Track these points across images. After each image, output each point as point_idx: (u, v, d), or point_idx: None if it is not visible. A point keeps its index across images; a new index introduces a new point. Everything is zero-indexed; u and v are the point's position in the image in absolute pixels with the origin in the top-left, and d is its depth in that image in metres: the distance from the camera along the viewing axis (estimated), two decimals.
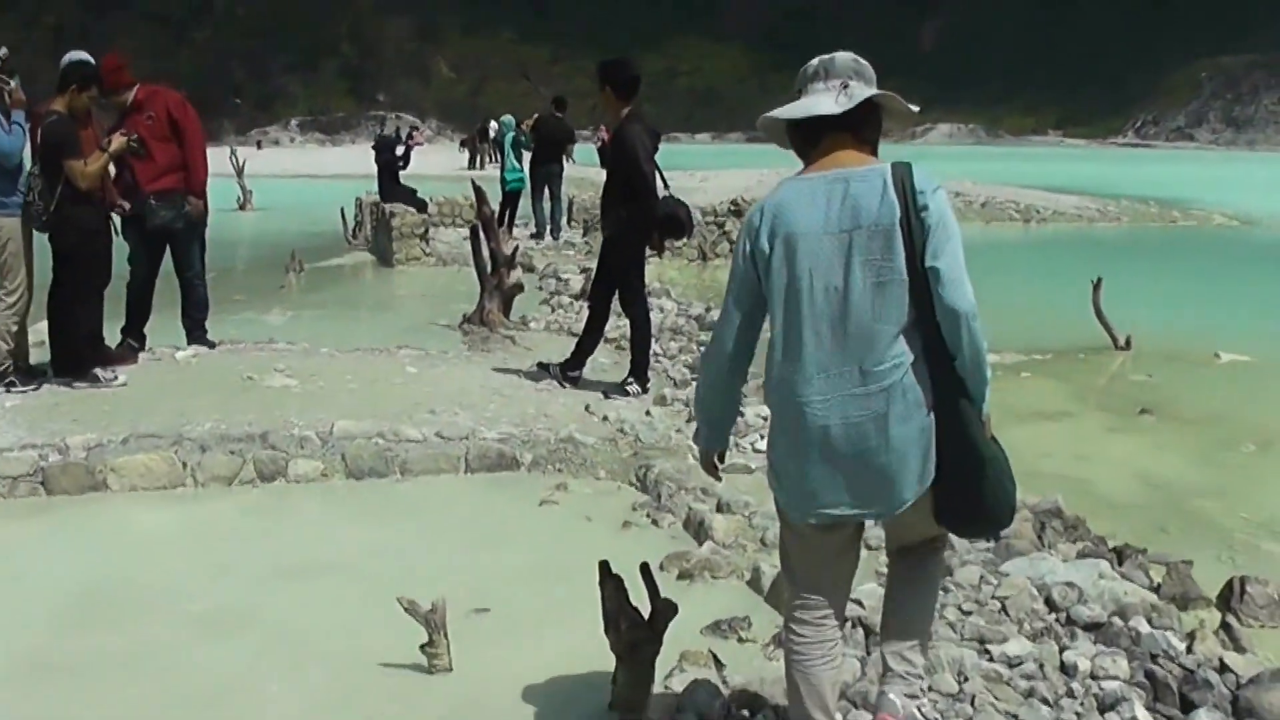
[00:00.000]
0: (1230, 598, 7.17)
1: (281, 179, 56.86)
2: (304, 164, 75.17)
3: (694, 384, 11.57)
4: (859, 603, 6.19)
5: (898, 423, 3.99)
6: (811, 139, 4.23)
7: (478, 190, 15.67)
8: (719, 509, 8.13)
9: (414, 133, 34.24)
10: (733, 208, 27.10)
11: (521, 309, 15.64)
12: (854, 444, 4.02)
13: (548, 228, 25.70)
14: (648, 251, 11.30)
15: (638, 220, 10.73)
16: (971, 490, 4.10)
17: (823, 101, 4.15)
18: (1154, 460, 11.02)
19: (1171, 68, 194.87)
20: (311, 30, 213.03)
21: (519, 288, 14.92)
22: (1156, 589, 7.21)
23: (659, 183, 10.77)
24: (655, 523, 8.21)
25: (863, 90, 4.16)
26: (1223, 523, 9.27)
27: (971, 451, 4.08)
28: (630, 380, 11.26)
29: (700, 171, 48.81)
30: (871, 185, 4.04)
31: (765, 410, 10.27)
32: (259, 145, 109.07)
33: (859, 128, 4.19)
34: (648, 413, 10.53)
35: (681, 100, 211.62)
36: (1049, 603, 6.60)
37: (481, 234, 14.67)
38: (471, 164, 57.15)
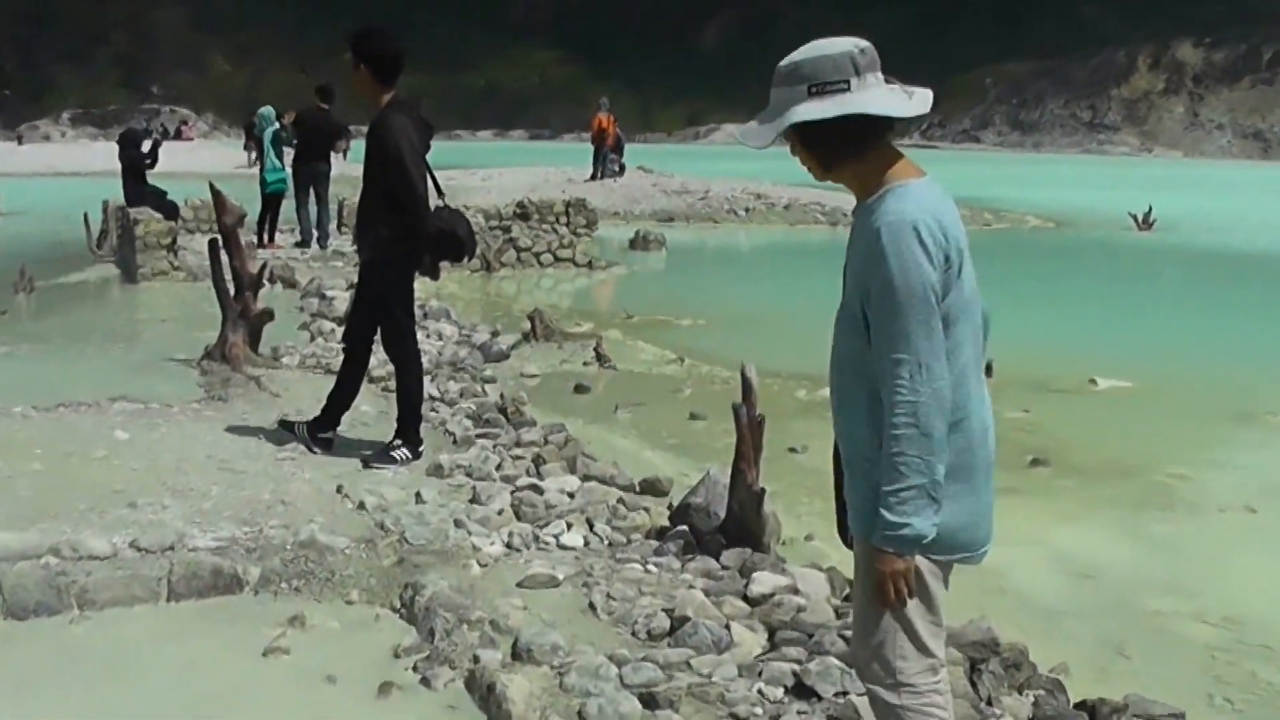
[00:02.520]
0: None
1: (45, 177, 52.95)
2: (71, 160, 70.42)
3: (485, 439, 9.85)
4: None
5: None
6: (871, 139, 3.80)
7: (216, 194, 13.06)
8: (515, 655, 5.93)
9: (183, 127, 30.97)
10: (519, 210, 25.05)
11: (276, 336, 13.23)
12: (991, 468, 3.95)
13: (314, 236, 22.73)
14: (416, 277, 9.13)
15: (403, 238, 8.61)
16: None
17: (901, 98, 3.80)
18: (1070, 535, 9.10)
19: (957, 72, 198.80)
20: (84, 17, 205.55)
21: (268, 315, 12.50)
22: None
23: (431, 190, 8.69)
24: (427, 682, 5.83)
25: (919, 91, 3.86)
26: (1190, 634, 7.45)
27: None
28: (397, 444, 9.02)
29: (482, 170, 46.19)
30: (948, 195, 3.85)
31: (569, 484, 8.43)
32: (19, 140, 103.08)
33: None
34: (418, 494, 8.21)
35: (463, 95, 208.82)
36: None
37: (222, 248, 12.23)
38: (252, 161, 53.79)
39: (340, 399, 9.20)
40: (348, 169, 26.87)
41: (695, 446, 10.83)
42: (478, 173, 44.16)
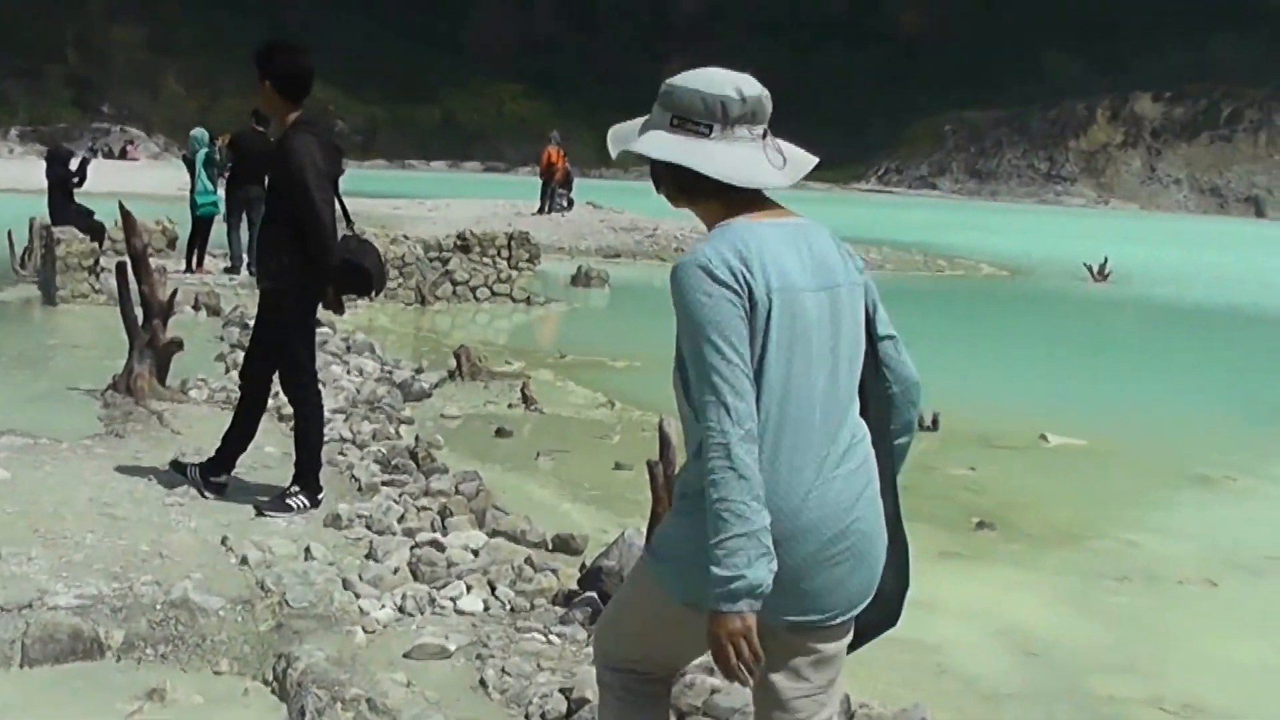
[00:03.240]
0: None
1: None
2: (11, 177, 69.29)
3: (391, 487, 9.32)
4: None
5: (874, 500, 3.54)
6: (708, 192, 3.55)
7: (125, 215, 12.38)
8: None
9: (129, 147, 30.20)
10: (459, 242, 24.39)
11: (190, 367, 12.51)
12: (843, 534, 3.44)
13: (244, 262, 21.76)
14: (320, 312, 8.50)
15: (306, 269, 7.96)
16: (904, 578, 3.76)
17: (760, 163, 3.54)
18: (1017, 606, 8.40)
19: (915, 119, 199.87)
20: (36, 35, 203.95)
21: (176, 345, 11.72)
22: None
23: (338, 218, 8.05)
24: None
25: (797, 157, 3.70)
26: None
27: (903, 533, 3.74)
28: (294, 491, 8.32)
29: (430, 200, 45.44)
30: (825, 239, 3.61)
31: (475, 540, 7.86)
32: None
33: None
34: (308, 549, 7.50)
35: (420, 125, 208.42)
36: None
37: (131, 274, 11.48)
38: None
39: (236, 440, 8.52)
40: None
41: (617, 499, 10.13)
42: (426, 203, 43.67)
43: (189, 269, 21.31)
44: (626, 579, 4.07)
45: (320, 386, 8.91)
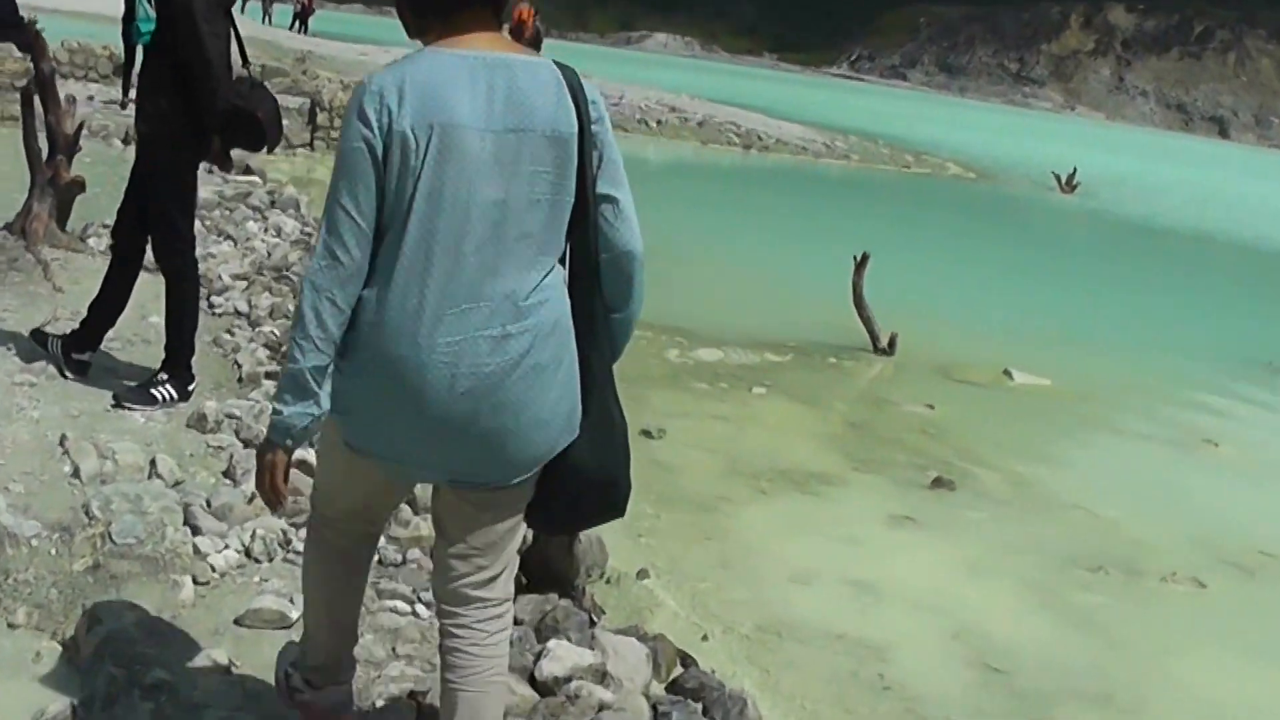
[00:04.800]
0: None
1: None
2: None
3: (274, 380, 7.57)
4: None
5: (542, 370, 3.26)
6: (440, 8, 3.29)
7: (35, 36, 10.62)
8: None
9: None
10: None
11: (98, 211, 10.66)
12: (483, 395, 3.19)
13: None
14: (203, 166, 7.05)
15: (187, 116, 6.57)
16: (606, 459, 3.48)
17: None
18: (975, 598, 6.95)
19: (889, 8, 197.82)
20: None
21: (79, 186, 10.11)
22: None
23: (231, 57, 6.68)
24: None
25: None
26: None
27: (608, 415, 3.47)
28: (161, 378, 6.90)
29: (401, 48, 43.05)
30: (542, 81, 3.26)
31: None
32: None
33: (501, 5, 3.33)
34: (153, 462, 6.03)
35: None
36: None
37: (36, 102, 9.99)
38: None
39: (103, 311, 7.06)
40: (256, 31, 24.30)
41: None
42: (394, 50, 41.37)
43: (123, 103, 19.49)
44: None
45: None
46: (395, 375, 3.20)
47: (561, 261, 3.36)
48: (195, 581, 5.01)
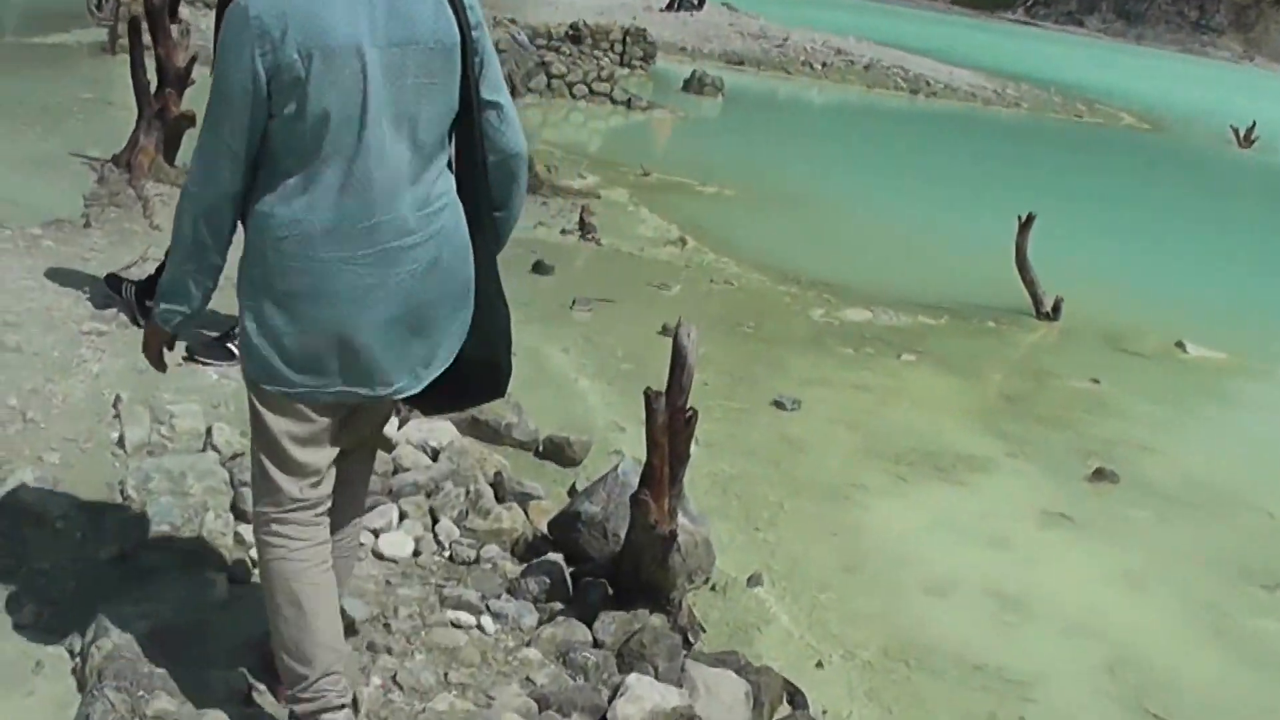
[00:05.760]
0: None
1: None
2: None
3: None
4: None
5: (445, 275, 3.34)
6: None
7: None
8: None
9: None
10: (571, 32, 21.94)
11: None
12: (403, 304, 3.27)
13: None
14: None
15: None
16: (490, 345, 3.55)
17: None
18: (1136, 620, 5.95)
19: None
20: None
21: (188, 120, 9.47)
22: None
23: None
24: None
25: None
26: None
27: (493, 304, 3.52)
28: (239, 333, 6.12)
29: None
30: None
31: (440, 435, 5.86)
32: None
33: None
34: (209, 431, 5.47)
35: None
36: None
37: (146, 31, 9.38)
38: None
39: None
40: None
41: (653, 379, 7.74)
42: None
43: None
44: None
45: None
46: (317, 297, 3.22)
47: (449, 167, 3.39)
48: (231, 580, 4.34)
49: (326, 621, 3.52)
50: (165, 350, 3.60)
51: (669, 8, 37.74)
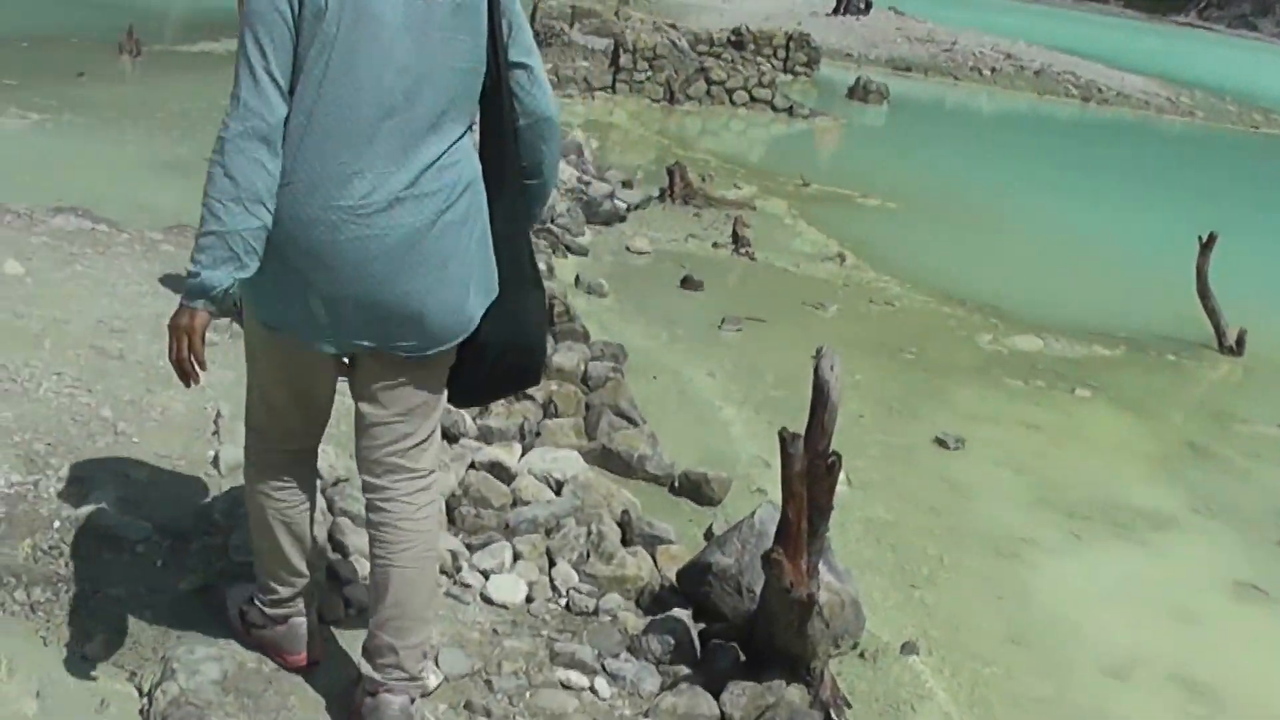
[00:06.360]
0: None
1: None
2: None
3: None
4: None
5: (455, 228, 3.18)
6: None
7: None
8: None
9: None
10: (733, 38, 21.33)
11: None
12: (400, 255, 3.12)
13: None
14: None
15: None
16: (521, 326, 3.39)
17: None
18: None
19: None
20: None
21: None
22: None
23: None
24: None
25: None
26: None
27: (522, 282, 3.39)
28: None
29: None
30: None
31: (566, 465, 5.39)
32: None
33: None
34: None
35: None
36: None
37: None
38: None
39: None
40: None
41: (803, 409, 7.07)
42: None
43: None
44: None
45: None
46: (309, 242, 3.06)
47: (470, 129, 3.28)
48: (320, 619, 3.90)
49: (297, 554, 3.53)
50: (198, 343, 2.99)
51: (835, 12, 36.98)
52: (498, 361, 3.37)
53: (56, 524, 4.02)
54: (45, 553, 3.90)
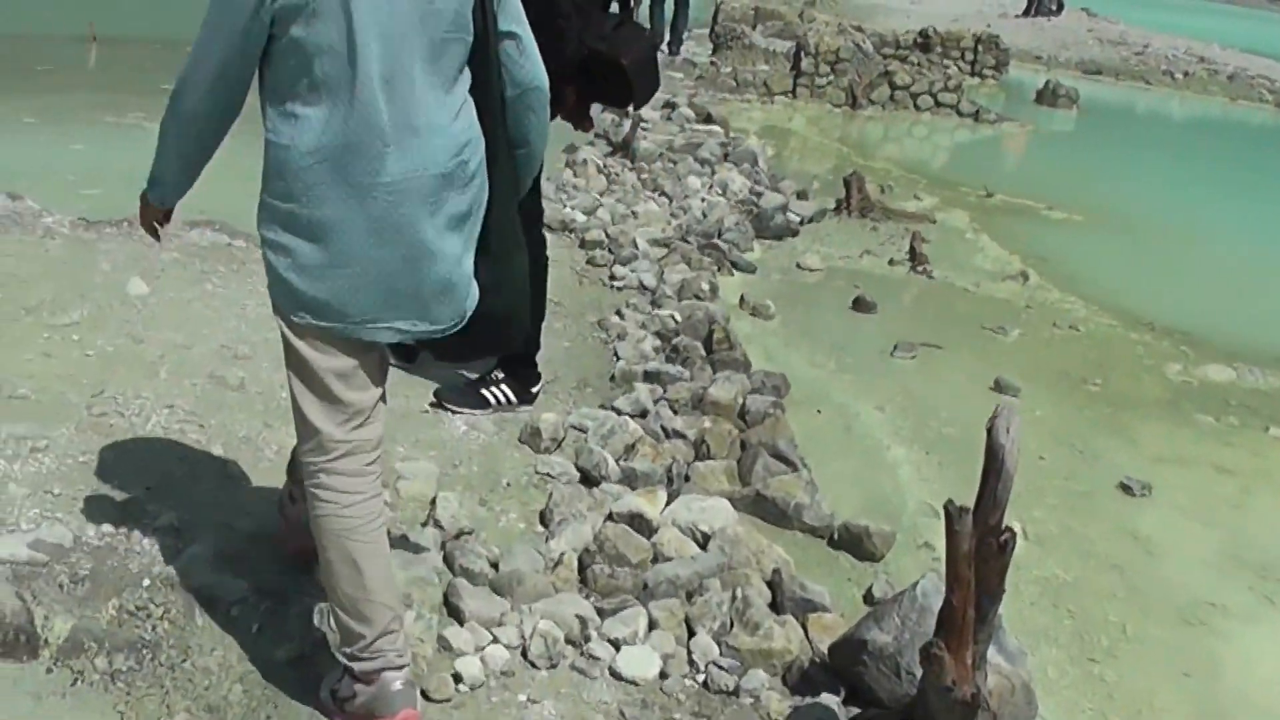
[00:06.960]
0: None
1: None
2: None
3: (653, 382, 6.49)
4: None
5: (482, 199, 3.26)
6: None
7: None
8: None
9: None
10: (920, 40, 20.74)
11: None
12: (437, 229, 3.14)
13: (664, 39, 18.52)
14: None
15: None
16: (504, 293, 3.39)
17: None
18: None
19: None
20: None
21: None
22: None
23: None
24: None
25: None
26: None
27: (507, 248, 3.41)
28: (496, 376, 5.71)
29: None
30: None
31: (713, 516, 4.90)
32: None
33: None
34: (434, 503, 4.72)
35: None
36: None
37: None
38: None
39: None
40: None
41: (978, 449, 6.44)
42: None
43: None
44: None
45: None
46: (349, 221, 3.05)
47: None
48: (426, 698, 3.49)
49: (382, 580, 3.31)
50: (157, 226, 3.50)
51: (1026, 13, 35.88)
52: (476, 324, 3.33)
53: (146, 581, 3.71)
54: (132, 614, 3.59)
